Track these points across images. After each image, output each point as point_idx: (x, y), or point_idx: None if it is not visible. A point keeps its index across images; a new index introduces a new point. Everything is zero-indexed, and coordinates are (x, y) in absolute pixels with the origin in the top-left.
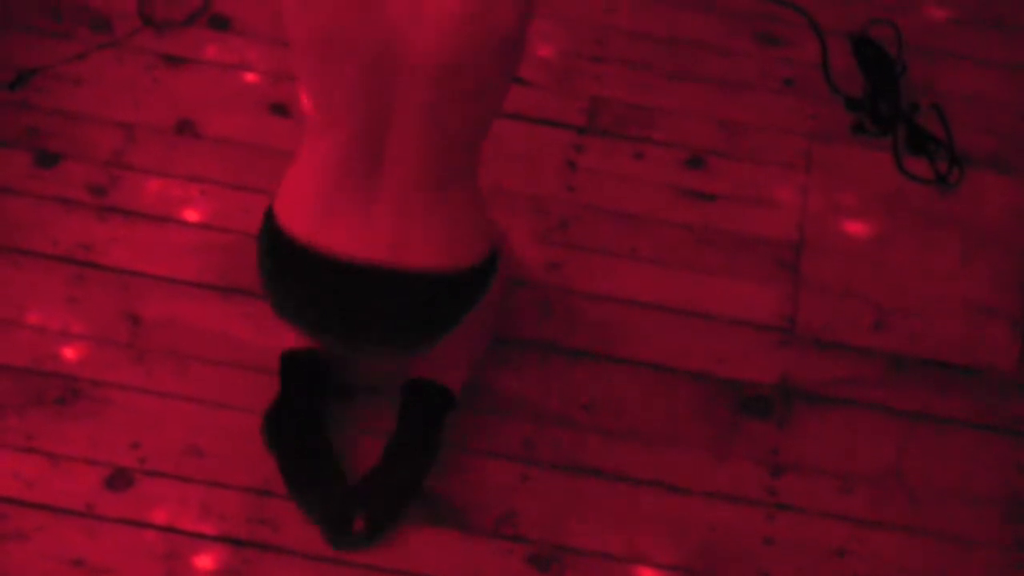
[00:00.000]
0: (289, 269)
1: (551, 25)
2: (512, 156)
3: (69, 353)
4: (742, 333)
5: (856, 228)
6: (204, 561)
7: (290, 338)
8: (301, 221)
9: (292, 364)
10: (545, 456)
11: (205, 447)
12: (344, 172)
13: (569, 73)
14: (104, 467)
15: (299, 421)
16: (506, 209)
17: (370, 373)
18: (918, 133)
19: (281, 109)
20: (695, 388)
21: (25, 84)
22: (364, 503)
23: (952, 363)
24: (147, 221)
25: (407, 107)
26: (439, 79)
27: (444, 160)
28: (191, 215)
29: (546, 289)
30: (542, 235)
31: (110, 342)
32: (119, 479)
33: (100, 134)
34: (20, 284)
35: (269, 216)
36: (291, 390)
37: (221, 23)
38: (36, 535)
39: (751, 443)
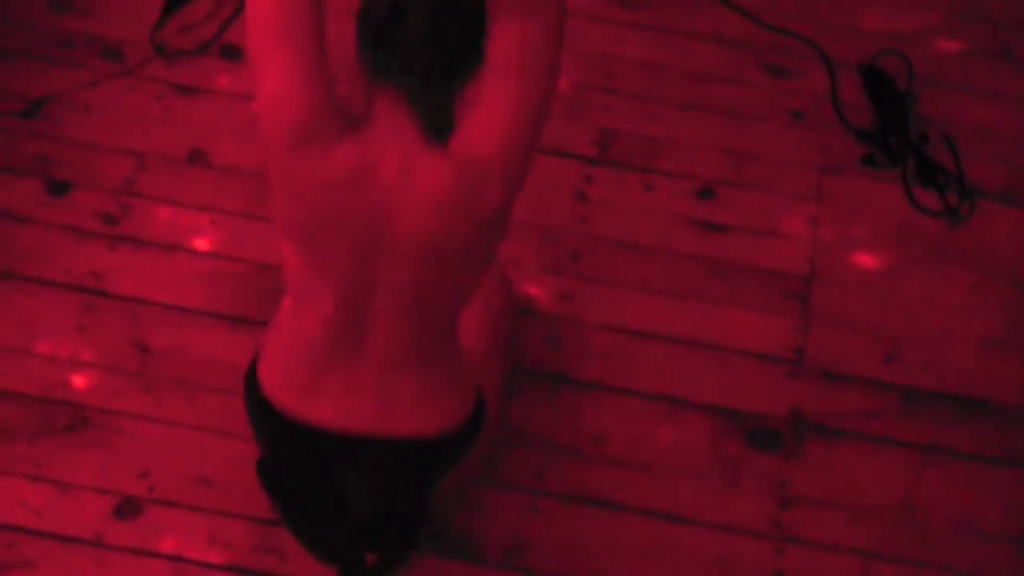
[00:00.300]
0: (273, 434)
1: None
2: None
3: (78, 381)
4: (752, 365)
5: (866, 260)
6: None
7: None
8: (284, 391)
9: None
10: (555, 487)
11: (213, 476)
12: (327, 344)
13: (579, 104)
14: (112, 496)
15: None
16: (516, 240)
17: None
18: (928, 165)
19: None
20: (704, 420)
21: (37, 112)
22: (374, 537)
23: (963, 396)
24: (157, 250)
25: (391, 280)
26: (425, 255)
27: (427, 328)
28: (201, 244)
29: (556, 320)
30: (552, 266)
31: (119, 370)
32: (127, 508)
33: (111, 163)
34: (30, 312)
35: (252, 378)
36: None
37: (232, 53)
38: (44, 564)
39: (760, 475)
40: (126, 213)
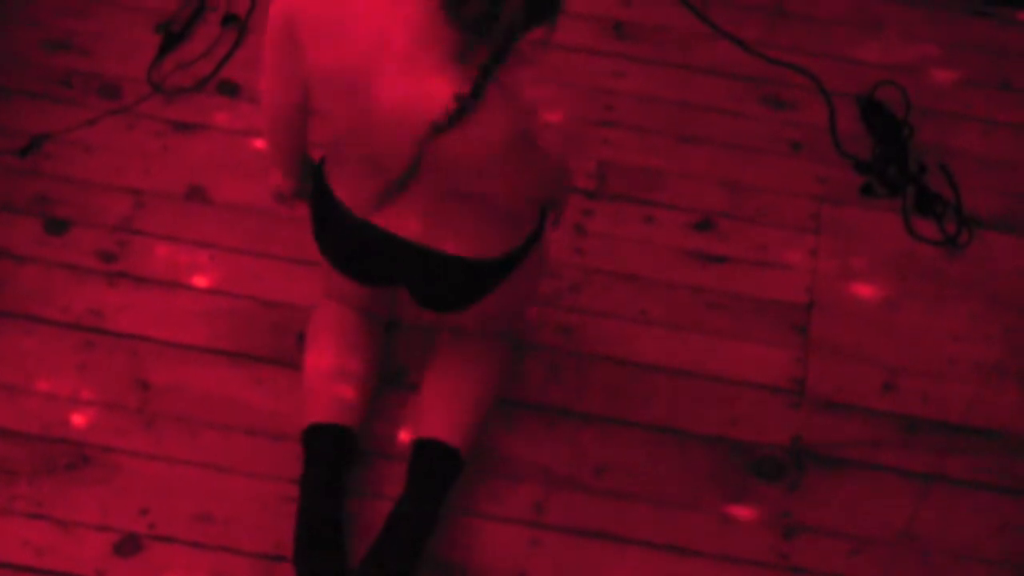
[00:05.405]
0: (332, 221)
1: (559, 90)
2: None
3: (78, 419)
4: (753, 395)
5: (866, 290)
6: None
7: (312, 410)
8: (341, 187)
9: (315, 438)
10: (555, 520)
11: (214, 513)
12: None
13: (577, 137)
14: (113, 533)
15: (317, 490)
16: None
17: (385, 438)
18: (927, 195)
19: None
20: (706, 451)
21: (35, 151)
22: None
23: (963, 424)
24: (156, 287)
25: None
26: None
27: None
28: (200, 281)
29: (556, 352)
30: (552, 299)
31: (119, 408)
32: (128, 545)
33: (109, 200)
34: (30, 351)
35: (319, 168)
36: (314, 461)
37: (230, 89)
38: None
39: (762, 505)
40: (125, 250)
